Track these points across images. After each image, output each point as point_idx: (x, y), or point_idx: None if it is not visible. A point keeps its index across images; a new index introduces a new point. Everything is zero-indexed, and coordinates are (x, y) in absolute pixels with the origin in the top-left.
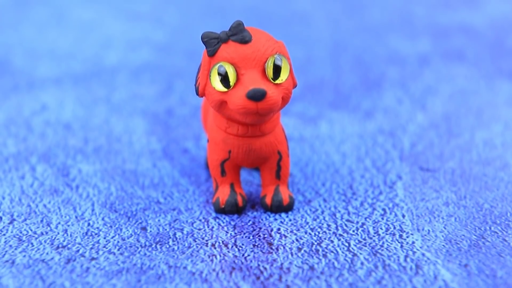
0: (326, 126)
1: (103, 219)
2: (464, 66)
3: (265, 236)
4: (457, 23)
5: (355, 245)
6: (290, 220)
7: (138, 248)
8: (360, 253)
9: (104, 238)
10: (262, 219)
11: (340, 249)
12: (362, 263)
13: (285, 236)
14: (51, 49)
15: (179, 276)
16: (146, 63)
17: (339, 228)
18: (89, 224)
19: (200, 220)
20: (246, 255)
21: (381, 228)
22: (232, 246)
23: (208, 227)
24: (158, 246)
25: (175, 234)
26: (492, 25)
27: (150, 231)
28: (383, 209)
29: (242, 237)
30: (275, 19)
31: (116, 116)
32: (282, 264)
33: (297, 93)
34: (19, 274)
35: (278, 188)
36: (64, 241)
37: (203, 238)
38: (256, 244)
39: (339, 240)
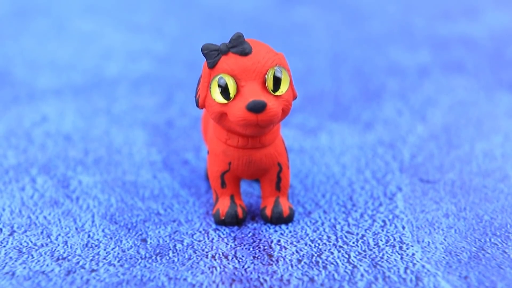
0: (326, 137)
1: (103, 230)
2: (464, 77)
3: (265, 247)
4: (457, 34)
5: (355, 257)
6: (290, 231)
7: (138, 259)
8: (360, 265)
9: (104, 249)
10: (262, 231)
11: (340, 260)
12: (362, 275)
13: (285, 248)
14: (51, 60)
15: None
16: (146, 74)
17: (339, 239)
18: (89, 236)
19: (200, 232)
20: (246, 266)
21: (381, 240)
22: (232, 258)
23: (208, 238)
24: (158, 258)
25: (175, 245)
26: (491, 37)
27: (150, 242)
28: (383, 221)
29: (242, 248)
30: (275, 31)
31: (116, 127)
32: (282, 275)
33: (297, 104)
34: (19, 286)
35: (278, 200)
36: (64, 252)
37: (203, 250)
38: (256, 255)
39: (339, 251)
